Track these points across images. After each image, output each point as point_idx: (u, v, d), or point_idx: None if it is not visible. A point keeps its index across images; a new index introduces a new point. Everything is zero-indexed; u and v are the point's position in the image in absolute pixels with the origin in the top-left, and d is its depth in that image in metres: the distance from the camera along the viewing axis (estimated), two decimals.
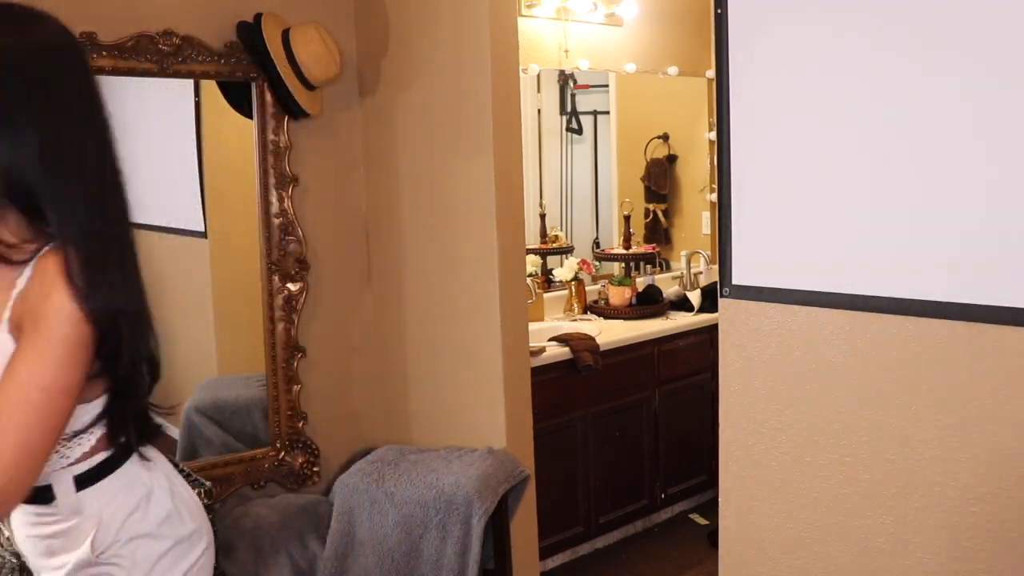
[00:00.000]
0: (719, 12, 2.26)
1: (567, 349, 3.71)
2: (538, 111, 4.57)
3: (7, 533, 2.43)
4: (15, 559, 2.41)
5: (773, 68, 2.19)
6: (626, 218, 4.70)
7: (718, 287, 2.37)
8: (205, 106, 3.27)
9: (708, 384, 4.21)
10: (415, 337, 3.48)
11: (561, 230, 4.72)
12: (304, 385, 3.38)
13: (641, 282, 4.52)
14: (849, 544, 2.18)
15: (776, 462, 2.29)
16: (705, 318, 4.29)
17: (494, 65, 3.13)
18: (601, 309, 4.38)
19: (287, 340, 3.33)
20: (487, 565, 3.15)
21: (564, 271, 4.42)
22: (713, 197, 4.86)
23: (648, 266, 4.84)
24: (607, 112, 4.82)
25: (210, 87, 3.26)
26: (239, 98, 3.28)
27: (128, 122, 3.22)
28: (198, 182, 3.25)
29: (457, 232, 3.30)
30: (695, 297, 4.46)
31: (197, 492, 1.78)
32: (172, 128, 3.32)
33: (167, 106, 3.27)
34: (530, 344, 3.43)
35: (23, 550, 1.62)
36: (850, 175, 2.09)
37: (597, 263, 4.74)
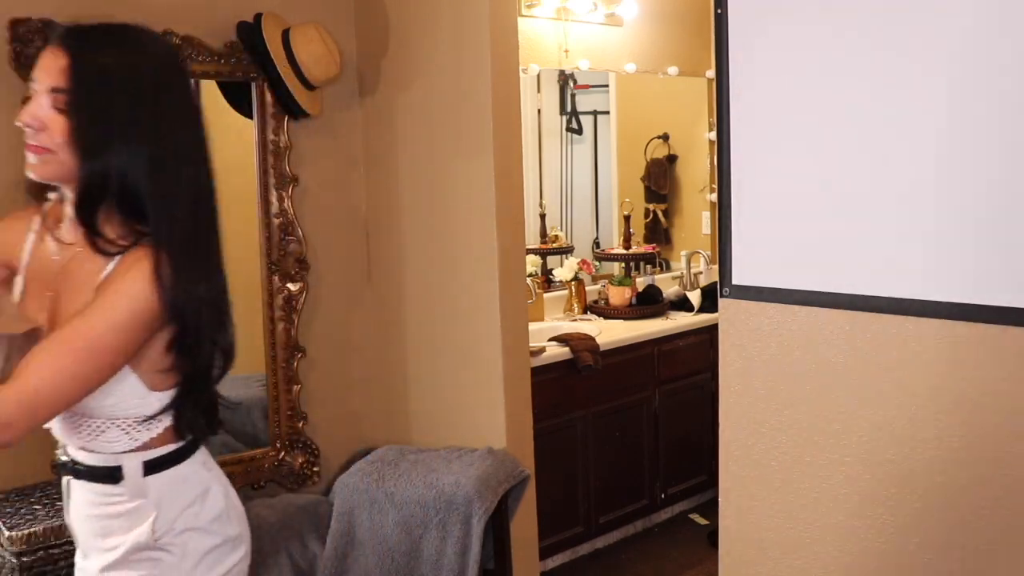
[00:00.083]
0: (719, 12, 2.26)
1: (567, 349, 3.71)
2: (538, 111, 4.57)
3: (7, 533, 2.43)
4: (15, 559, 2.41)
5: (773, 68, 2.19)
6: (626, 218, 4.70)
7: (718, 287, 2.37)
8: (205, 106, 3.26)
9: (708, 384, 4.21)
10: (415, 337, 3.48)
11: (561, 230, 4.72)
12: (304, 385, 3.38)
13: (641, 282, 4.52)
14: (849, 544, 2.18)
15: (776, 462, 2.29)
16: (705, 318, 4.29)
17: (494, 65, 3.13)
18: (601, 309, 4.38)
19: (287, 340, 3.33)
20: (487, 565, 3.15)
21: (564, 271, 4.42)
22: (713, 197, 4.86)
23: (648, 266, 4.84)
24: (607, 112, 4.81)
25: (210, 87, 3.25)
26: (239, 98, 3.28)
27: None
28: None
29: (457, 232, 3.30)
30: (695, 297, 4.46)
31: None
32: None
33: None
34: (530, 344, 3.43)
35: (76, 530, 1.69)
36: (850, 175, 2.09)
37: (597, 263, 4.74)
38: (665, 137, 4.98)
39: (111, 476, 1.59)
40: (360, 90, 3.50)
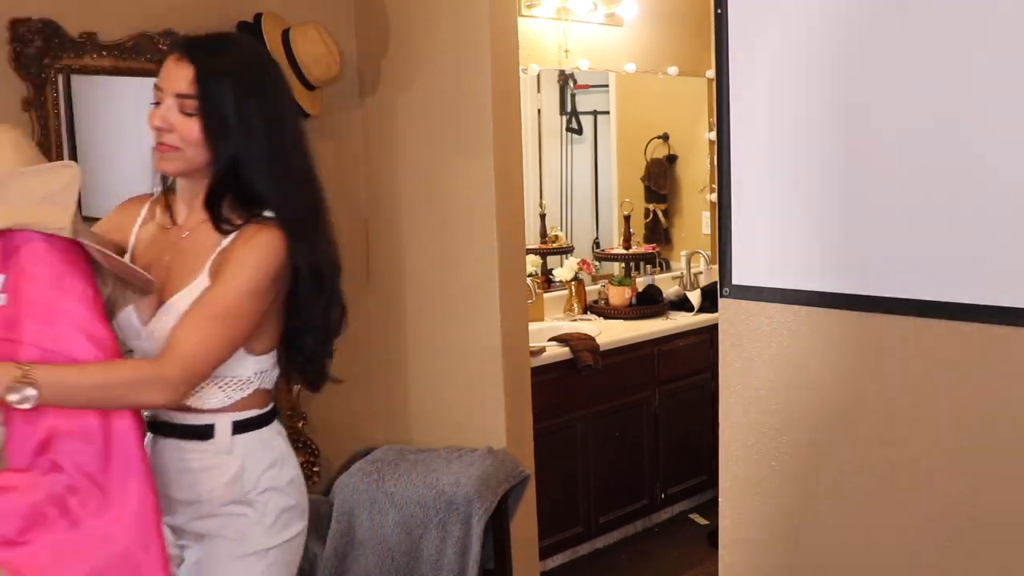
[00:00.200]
0: (719, 12, 2.26)
1: (567, 349, 3.71)
2: (538, 111, 4.57)
3: None
4: None
5: (773, 68, 2.19)
6: (626, 218, 4.70)
7: (718, 287, 2.37)
8: None
9: (708, 384, 4.21)
10: (415, 337, 3.48)
11: (561, 230, 4.71)
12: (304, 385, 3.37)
13: (641, 282, 4.52)
14: (850, 544, 2.18)
15: (776, 462, 2.29)
16: (705, 318, 4.29)
17: (494, 65, 3.13)
18: (601, 309, 4.38)
19: None
20: (487, 565, 3.15)
21: (564, 271, 4.42)
22: (713, 197, 4.86)
23: (648, 266, 4.83)
24: (607, 112, 4.81)
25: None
26: None
27: (128, 122, 3.22)
28: None
29: (457, 232, 3.30)
30: (695, 297, 4.46)
31: None
32: None
33: None
34: (530, 344, 3.43)
35: (164, 482, 1.78)
36: (851, 175, 2.09)
37: (597, 263, 4.74)
38: (665, 137, 4.98)
39: (203, 433, 1.75)
40: (360, 90, 3.50)
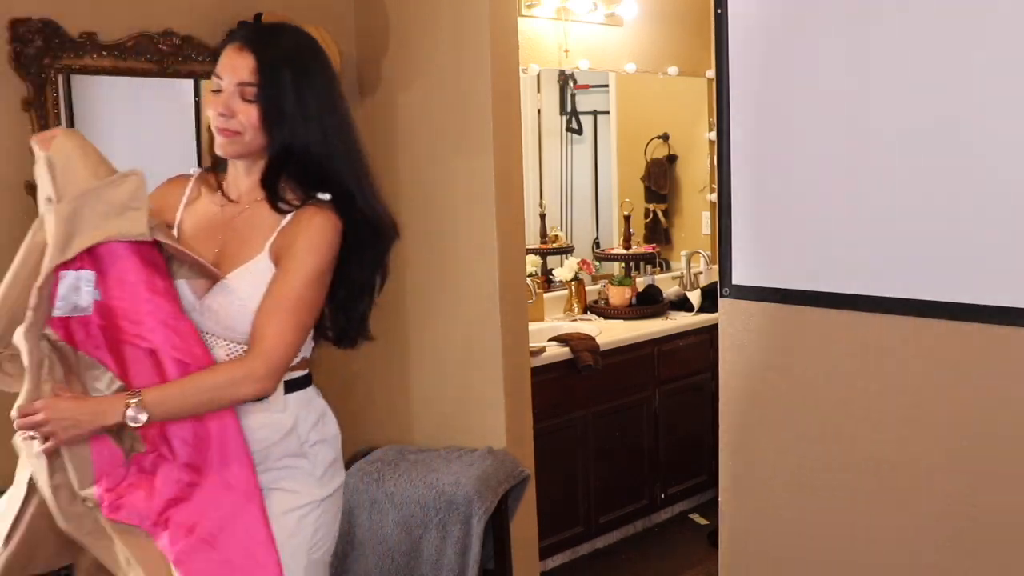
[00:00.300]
0: (719, 12, 2.26)
1: (567, 349, 3.71)
2: (538, 111, 4.57)
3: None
4: None
5: (773, 68, 2.20)
6: (626, 218, 4.70)
7: (718, 287, 2.37)
8: (205, 106, 3.26)
9: (708, 384, 4.21)
10: (415, 337, 3.48)
11: (561, 230, 4.71)
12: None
13: (641, 282, 4.52)
14: (850, 544, 2.18)
15: (776, 462, 2.29)
16: (705, 318, 4.29)
17: (494, 65, 3.13)
18: (601, 309, 4.38)
19: None
20: (487, 565, 3.15)
21: (564, 271, 4.42)
22: (713, 197, 4.86)
23: (648, 266, 4.83)
24: (607, 112, 4.81)
25: (210, 87, 3.25)
26: None
27: (128, 122, 3.21)
28: None
29: (457, 232, 3.30)
30: (695, 297, 4.46)
31: None
32: (172, 128, 3.32)
33: (167, 106, 3.27)
34: (530, 344, 3.43)
35: None
36: (850, 175, 2.09)
37: (597, 263, 4.73)
38: (665, 137, 4.97)
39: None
40: (360, 90, 3.50)
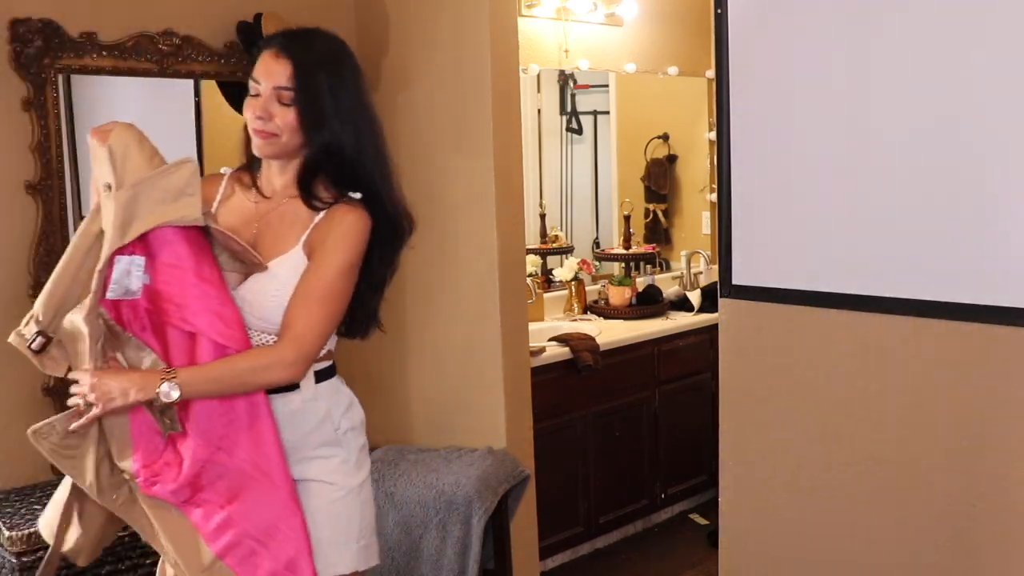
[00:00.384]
0: (719, 12, 2.26)
1: (567, 349, 3.71)
2: (538, 111, 4.57)
3: (7, 533, 2.43)
4: (15, 559, 2.41)
5: (773, 68, 2.20)
6: (626, 218, 4.69)
7: (718, 287, 2.37)
8: (205, 106, 3.27)
9: (708, 384, 4.21)
10: (415, 337, 3.48)
11: (561, 230, 4.71)
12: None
13: (641, 282, 4.52)
14: (850, 544, 2.18)
15: (776, 462, 2.29)
16: (705, 318, 4.28)
17: (494, 65, 3.13)
18: (601, 309, 4.38)
19: None
20: (487, 565, 3.15)
21: (564, 271, 4.42)
22: (713, 197, 4.86)
23: (648, 266, 4.83)
24: (607, 112, 4.81)
25: (210, 87, 3.25)
26: (239, 98, 3.27)
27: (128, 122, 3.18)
28: None
29: (457, 232, 3.30)
30: (695, 297, 4.46)
31: None
32: (172, 128, 3.32)
33: (167, 106, 3.27)
34: (530, 344, 3.43)
35: None
36: (850, 176, 2.09)
37: (597, 263, 4.73)
38: (665, 137, 4.97)
39: (290, 386, 1.91)
40: None
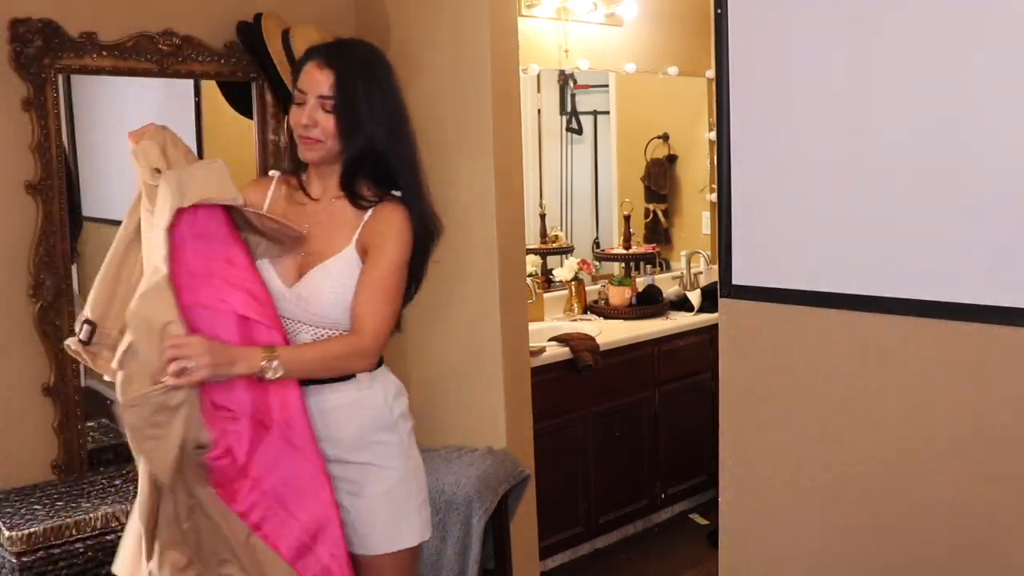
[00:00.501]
0: (719, 12, 2.26)
1: (567, 349, 3.71)
2: (538, 111, 4.57)
3: (7, 533, 2.43)
4: (15, 559, 2.41)
5: (773, 68, 2.20)
6: (626, 218, 4.69)
7: (718, 287, 2.37)
8: (205, 106, 3.27)
9: (708, 384, 4.21)
10: (415, 337, 3.48)
11: (561, 230, 4.71)
12: None
13: (641, 282, 4.52)
14: (850, 543, 2.18)
15: (776, 462, 2.29)
16: (705, 318, 4.28)
17: (494, 65, 3.13)
18: (601, 309, 4.38)
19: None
20: (487, 565, 3.15)
21: (564, 271, 4.42)
22: (713, 197, 4.86)
23: (648, 266, 4.83)
24: (607, 112, 4.81)
25: (210, 87, 3.26)
26: (239, 98, 3.28)
27: (128, 122, 3.20)
28: None
29: (457, 232, 3.29)
30: (695, 297, 4.46)
31: None
32: (172, 128, 3.31)
33: (167, 106, 3.27)
34: (530, 344, 3.43)
35: (321, 423, 2.04)
36: (850, 176, 2.09)
37: (597, 263, 4.73)
38: (665, 137, 4.97)
39: (346, 376, 2.04)
40: None
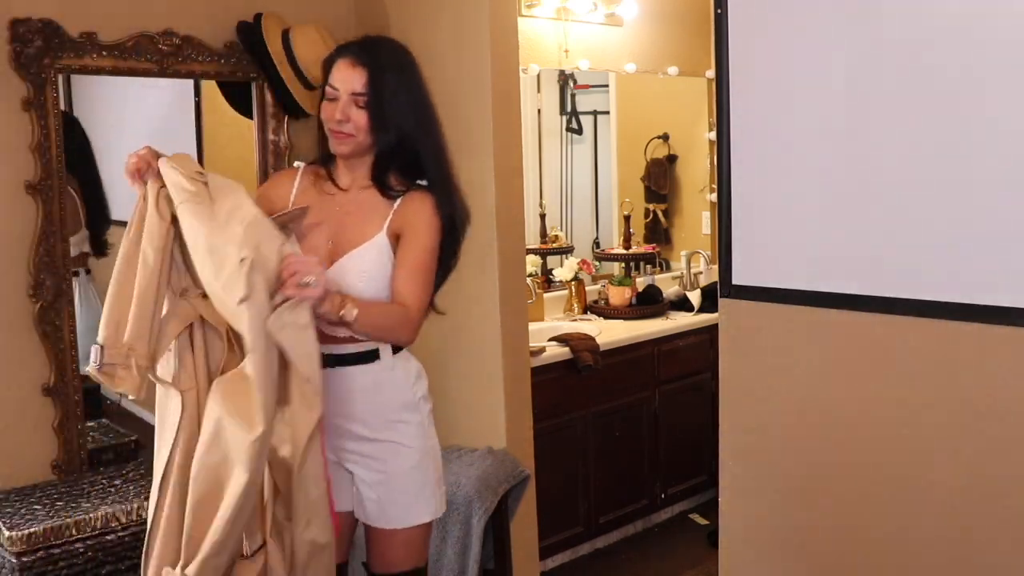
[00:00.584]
0: (719, 12, 2.26)
1: (567, 349, 3.71)
2: (538, 111, 4.57)
3: (7, 533, 2.43)
4: (15, 559, 2.41)
5: (773, 68, 2.20)
6: (626, 218, 4.69)
7: (718, 287, 2.37)
8: (205, 106, 3.27)
9: (708, 384, 4.21)
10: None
11: (561, 230, 4.71)
12: None
13: (641, 282, 4.52)
14: (849, 543, 2.18)
15: (776, 462, 2.29)
16: (705, 318, 4.28)
17: (494, 65, 3.13)
18: (601, 309, 4.38)
19: None
20: (487, 565, 3.15)
21: (564, 271, 4.42)
22: (713, 197, 4.86)
23: (648, 266, 4.83)
24: (607, 112, 4.81)
25: (210, 87, 3.26)
26: (239, 98, 3.28)
27: (128, 122, 3.21)
28: None
29: None
30: (695, 297, 4.46)
31: None
32: (172, 128, 3.32)
33: (167, 106, 3.27)
34: (530, 344, 3.43)
35: (347, 400, 2.14)
36: (850, 176, 2.09)
37: (597, 263, 4.73)
38: (665, 137, 4.97)
39: (369, 358, 2.14)
40: None
